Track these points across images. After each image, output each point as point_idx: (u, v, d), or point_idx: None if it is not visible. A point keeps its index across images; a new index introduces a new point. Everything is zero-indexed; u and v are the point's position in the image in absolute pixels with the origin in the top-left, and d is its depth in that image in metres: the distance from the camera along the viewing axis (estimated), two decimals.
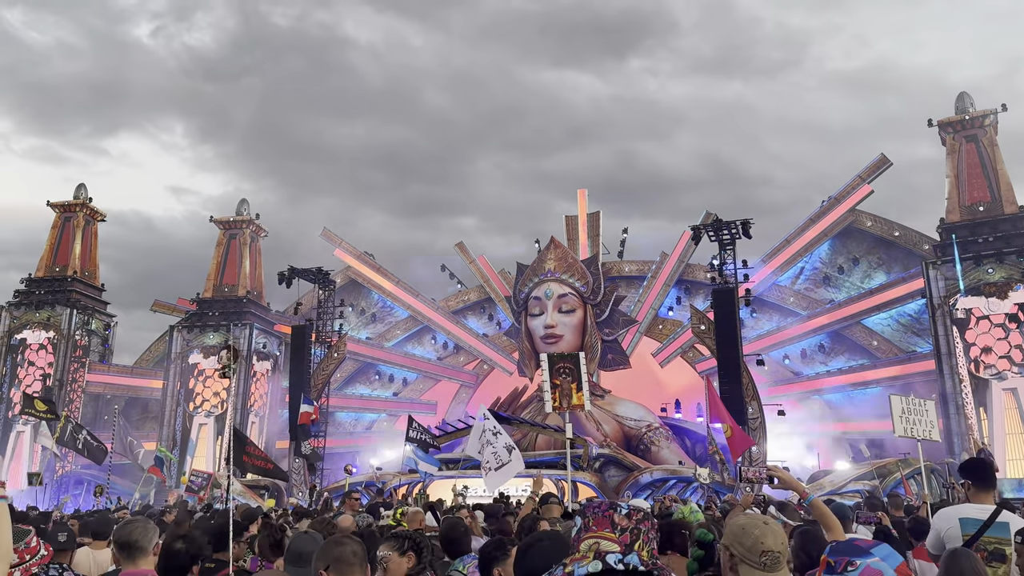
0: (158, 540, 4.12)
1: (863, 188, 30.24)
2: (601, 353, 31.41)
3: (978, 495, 4.75)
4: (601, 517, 2.15)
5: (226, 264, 35.00)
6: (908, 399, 13.57)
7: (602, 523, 2.13)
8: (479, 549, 4.14)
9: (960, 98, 28.33)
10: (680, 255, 32.87)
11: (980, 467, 4.91)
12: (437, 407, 35.07)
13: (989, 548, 4.26)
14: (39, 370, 32.80)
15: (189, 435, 32.33)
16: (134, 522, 4.07)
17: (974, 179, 26.96)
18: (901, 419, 12.38)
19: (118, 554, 3.96)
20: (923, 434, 13.07)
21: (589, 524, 2.15)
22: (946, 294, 25.86)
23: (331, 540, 3.46)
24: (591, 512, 2.18)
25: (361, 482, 24.76)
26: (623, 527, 2.11)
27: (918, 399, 14.06)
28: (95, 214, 35.88)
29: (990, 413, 24.60)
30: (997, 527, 4.31)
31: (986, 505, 4.61)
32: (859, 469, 23.10)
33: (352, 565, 3.30)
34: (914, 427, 12.60)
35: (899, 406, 12.52)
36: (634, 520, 2.14)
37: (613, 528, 2.11)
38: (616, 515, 2.14)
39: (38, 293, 33.88)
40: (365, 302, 37.97)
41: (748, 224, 25.70)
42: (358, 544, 3.40)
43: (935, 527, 4.69)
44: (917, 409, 13.34)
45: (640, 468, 25.61)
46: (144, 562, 3.93)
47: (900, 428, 12.54)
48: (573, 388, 21.82)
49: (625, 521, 2.13)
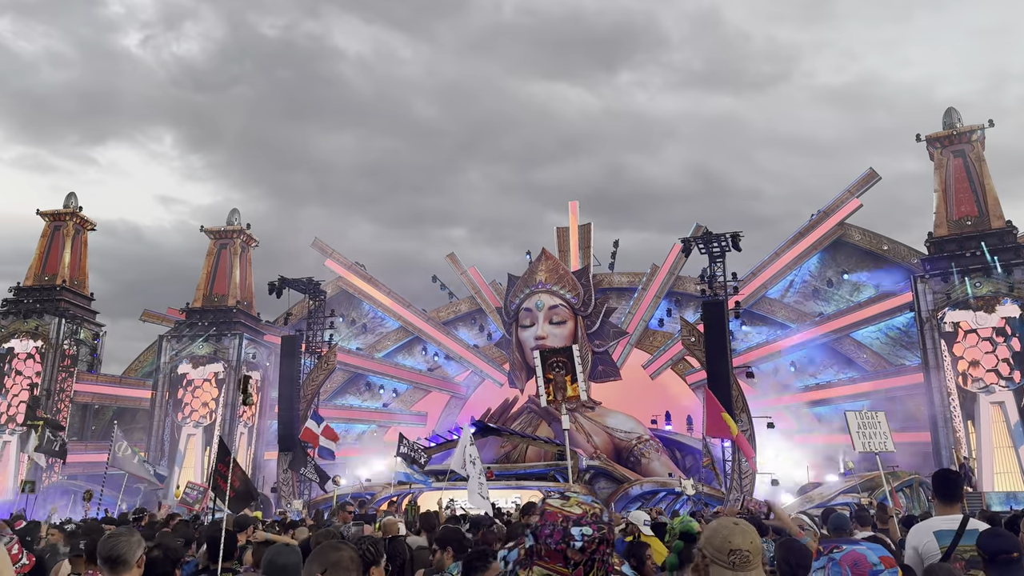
0: (143, 553, 4.08)
1: (852, 202, 30.44)
2: (592, 365, 31.42)
3: (943, 508, 4.88)
4: (554, 550, 2.10)
5: (216, 274, 34.89)
6: (861, 413, 13.68)
7: (555, 556, 2.08)
8: (463, 559, 4.19)
9: (948, 113, 28.61)
10: (670, 267, 32.98)
11: (945, 480, 5.01)
12: (427, 418, 35.00)
13: (966, 556, 4.37)
14: (27, 380, 32.56)
15: (177, 446, 32.14)
16: (118, 535, 4.03)
17: (961, 193, 27.18)
18: (859, 434, 12.46)
19: (102, 568, 3.93)
20: (879, 447, 13.16)
21: (541, 552, 2.10)
22: (934, 307, 26.02)
23: (327, 544, 3.37)
24: (543, 541, 2.12)
25: (347, 494, 24.63)
26: (576, 561, 2.08)
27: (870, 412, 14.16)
28: (85, 223, 35.76)
29: (978, 426, 24.71)
30: (969, 535, 4.43)
31: (954, 515, 4.72)
32: (848, 482, 23.16)
33: (349, 571, 3.22)
34: (870, 440, 12.69)
35: (855, 421, 12.59)
36: (587, 552, 2.10)
37: (566, 564, 2.07)
38: (569, 550, 2.09)
39: (27, 302, 33.69)
40: (356, 312, 37.90)
41: (738, 237, 25.83)
42: (354, 550, 3.35)
43: (910, 543, 4.76)
44: (870, 422, 13.43)
45: (630, 480, 25.59)
46: (129, 575, 3.90)
47: (859, 444, 12.63)
48: (567, 380, 21.66)
49: (579, 555, 2.09)
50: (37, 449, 23.68)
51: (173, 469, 31.35)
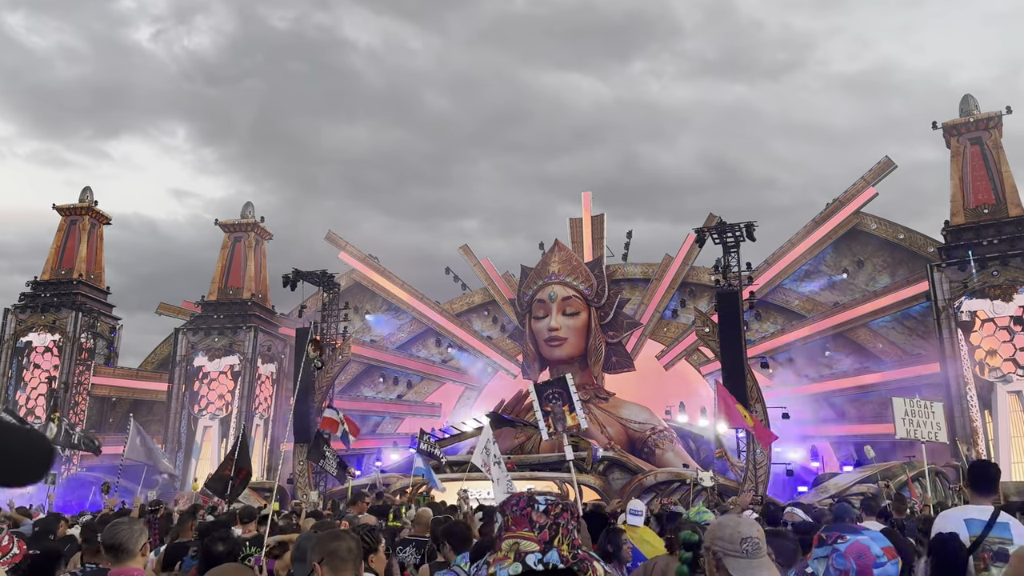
0: (146, 541, 4.13)
1: (868, 191, 30.19)
2: (605, 356, 31.38)
3: (977, 498, 4.81)
4: (519, 516, 2.13)
5: (231, 267, 35.08)
6: (913, 401, 13.48)
7: (520, 522, 2.11)
8: (472, 548, 4.24)
9: (964, 100, 28.30)
10: (684, 258, 32.87)
11: (982, 471, 4.94)
12: (441, 409, 35.10)
13: (993, 548, 4.35)
14: (44, 373, 32.90)
15: (194, 438, 32.41)
16: (120, 523, 4.08)
17: (979, 181, 26.91)
18: (904, 421, 12.31)
19: (106, 555, 3.98)
20: (928, 436, 13.00)
21: (508, 523, 2.14)
22: (951, 297, 25.81)
23: (327, 534, 3.42)
24: (510, 510, 2.16)
25: (365, 484, 24.74)
26: (541, 524, 2.10)
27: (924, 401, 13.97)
28: (100, 217, 36.01)
29: (995, 416, 24.53)
30: (999, 527, 4.41)
31: (986, 507, 4.67)
32: (864, 472, 23.06)
33: (345, 561, 3.23)
34: (918, 429, 12.52)
35: (902, 408, 12.45)
36: (551, 515, 2.13)
37: (531, 526, 2.10)
38: (534, 512, 2.13)
39: (44, 296, 33.98)
40: (370, 304, 38.02)
41: (752, 227, 25.67)
42: (354, 541, 3.35)
43: (938, 528, 4.72)
44: (922, 411, 13.25)
45: (644, 471, 25.58)
46: (132, 562, 3.94)
47: (902, 430, 12.47)
48: (566, 410, 21.99)
49: (543, 518, 2.11)
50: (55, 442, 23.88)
51: (190, 461, 31.62)
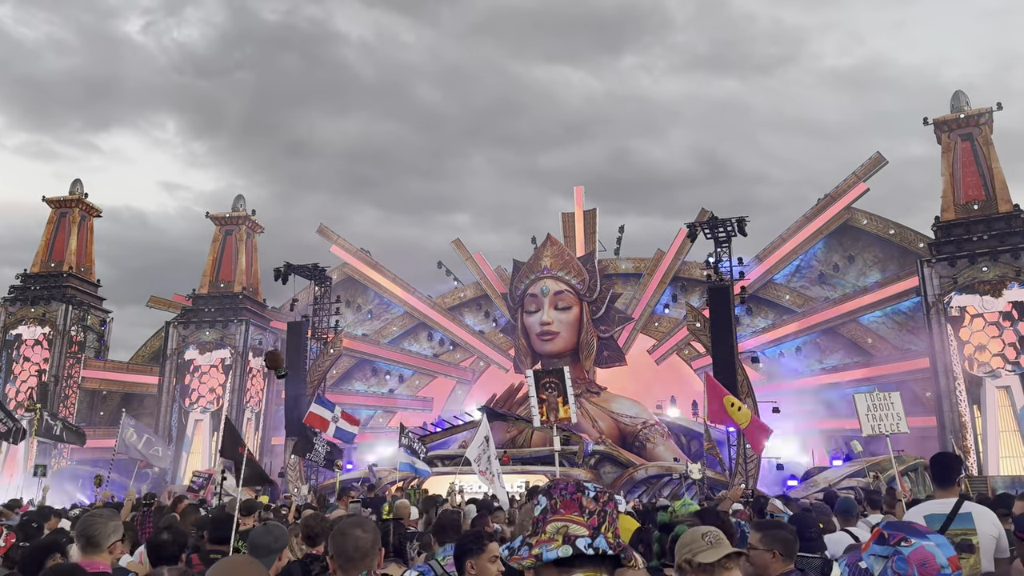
0: (117, 540, 4.07)
1: (859, 186, 30.30)
2: (597, 350, 31.43)
3: (940, 491, 4.84)
4: (569, 500, 2.15)
5: (222, 260, 34.96)
6: (872, 394, 13.44)
7: (570, 506, 2.13)
8: (456, 541, 4.22)
9: (955, 96, 28.39)
10: (676, 252, 32.92)
11: (940, 464, 4.96)
12: (433, 403, 35.11)
13: (956, 540, 4.31)
14: (34, 366, 32.73)
15: (185, 431, 32.32)
16: (97, 516, 4.05)
17: (969, 177, 27.03)
18: (868, 416, 12.26)
19: (77, 543, 3.97)
20: (890, 428, 13.01)
21: (556, 506, 2.15)
22: (940, 292, 25.93)
23: (338, 530, 3.26)
24: (558, 494, 2.17)
25: (356, 479, 24.75)
26: (591, 510, 2.12)
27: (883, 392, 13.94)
28: (91, 210, 35.81)
29: (984, 410, 24.68)
30: (961, 519, 4.42)
31: (949, 499, 4.67)
32: (853, 466, 23.17)
33: (353, 560, 3.11)
34: (880, 423, 12.48)
35: (864, 403, 12.38)
36: (600, 503, 2.15)
37: (581, 511, 2.12)
38: (584, 498, 2.15)
39: (33, 288, 33.81)
40: (362, 298, 37.96)
41: (744, 222, 25.72)
42: (368, 535, 3.19)
43: None
44: (882, 403, 13.23)
45: (635, 465, 25.66)
46: (98, 556, 3.91)
47: (868, 427, 12.42)
48: (559, 401, 22.09)
49: (592, 504, 2.13)
50: (37, 434, 23.81)
51: (180, 454, 31.53)
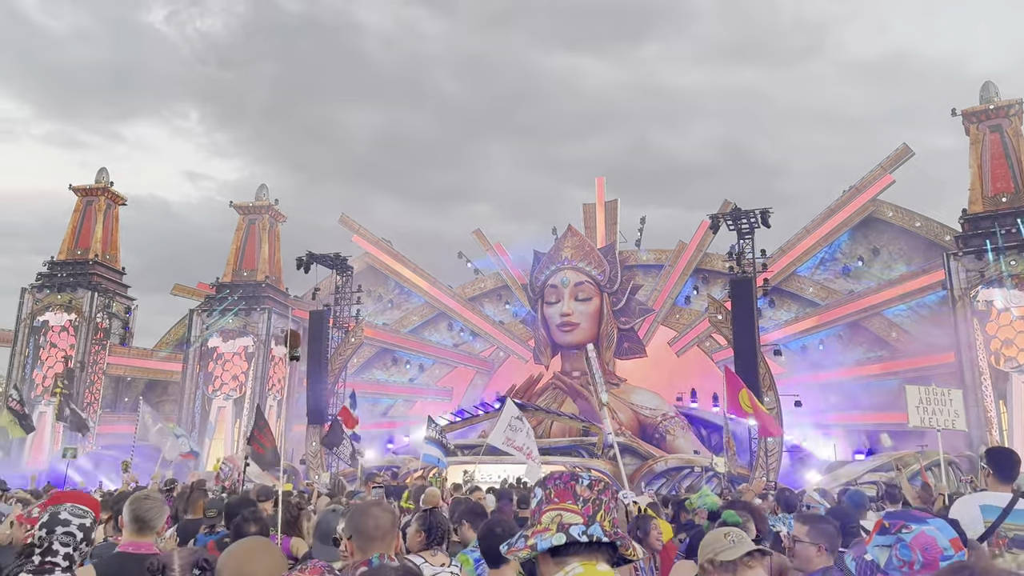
0: (163, 522, 4.35)
1: (884, 178, 29.89)
2: (617, 342, 31.37)
3: (997, 485, 4.72)
4: (563, 488, 2.14)
5: (245, 249, 35.25)
6: (928, 388, 13.30)
7: (564, 494, 2.12)
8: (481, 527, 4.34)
9: (985, 87, 27.94)
10: (698, 244, 32.71)
11: (1004, 457, 4.85)
12: (452, 393, 35.22)
13: (1010, 535, 4.29)
14: (61, 352, 33.23)
15: (208, 418, 32.69)
16: (150, 498, 4.27)
17: (998, 169, 26.61)
18: (918, 409, 12.15)
19: (129, 526, 4.14)
20: (944, 424, 12.85)
21: (551, 496, 2.14)
22: (967, 286, 25.59)
23: (357, 509, 3.33)
24: (552, 484, 2.16)
25: (376, 467, 24.90)
26: (585, 498, 2.11)
27: (941, 388, 13.80)
28: (116, 198, 36.22)
29: (1010, 406, 24.38)
30: (1016, 514, 4.34)
31: (1004, 494, 4.59)
32: (876, 460, 22.96)
33: (373, 539, 3.14)
34: (933, 417, 12.34)
35: (916, 396, 12.28)
36: (595, 491, 2.14)
37: (575, 499, 2.11)
38: (578, 486, 2.13)
39: (60, 276, 34.30)
40: (382, 288, 38.10)
41: (767, 213, 25.50)
42: (386, 516, 3.25)
43: (954, 514, 4.67)
44: (938, 399, 13.08)
45: (655, 457, 25.60)
46: (149, 537, 4.14)
47: (916, 418, 12.30)
48: None
49: (587, 492, 2.12)
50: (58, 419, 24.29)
51: (204, 441, 31.89)
